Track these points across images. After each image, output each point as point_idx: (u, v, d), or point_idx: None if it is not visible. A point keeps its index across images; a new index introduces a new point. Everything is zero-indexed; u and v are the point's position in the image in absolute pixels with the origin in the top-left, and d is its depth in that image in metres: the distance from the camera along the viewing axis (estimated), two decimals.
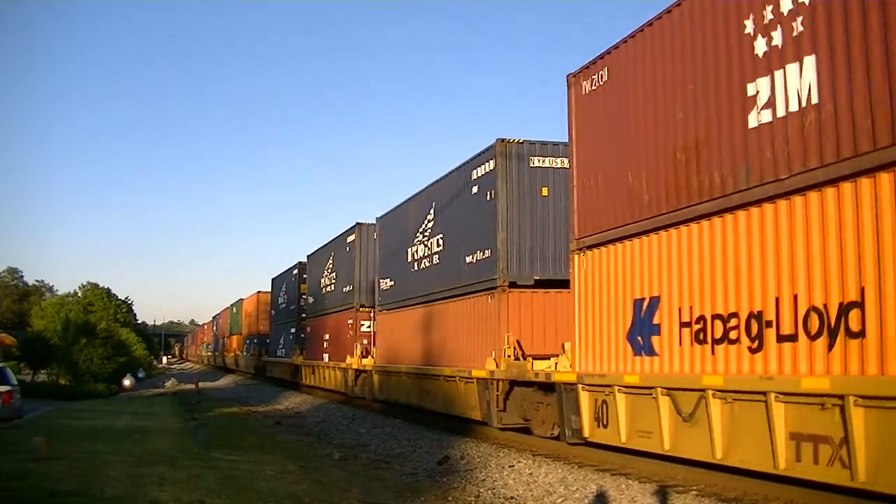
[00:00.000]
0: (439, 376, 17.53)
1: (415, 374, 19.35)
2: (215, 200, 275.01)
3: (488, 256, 15.33)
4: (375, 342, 23.45)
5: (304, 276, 34.10)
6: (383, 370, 22.04)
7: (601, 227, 11.50)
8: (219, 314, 72.67)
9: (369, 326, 24.39)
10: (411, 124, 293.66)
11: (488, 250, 15.32)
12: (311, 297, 32.16)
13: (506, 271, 14.82)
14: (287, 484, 10.51)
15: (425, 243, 19.01)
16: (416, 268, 19.53)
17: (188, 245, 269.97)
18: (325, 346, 28.77)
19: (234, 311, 58.76)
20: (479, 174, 15.85)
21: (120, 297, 75.41)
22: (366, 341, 24.48)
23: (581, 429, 11.75)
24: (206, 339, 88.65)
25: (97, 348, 39.32)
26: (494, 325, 14.94)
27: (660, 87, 10.34)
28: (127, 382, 41.38)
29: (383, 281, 22.45)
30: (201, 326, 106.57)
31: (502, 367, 14.29)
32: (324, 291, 29.69)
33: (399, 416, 19.75)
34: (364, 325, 24.72)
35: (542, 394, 13.42)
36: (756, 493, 8.75)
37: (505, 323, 14.67)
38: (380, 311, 22.79)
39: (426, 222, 19.03)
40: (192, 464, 11.69)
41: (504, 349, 14.38)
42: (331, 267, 28.80)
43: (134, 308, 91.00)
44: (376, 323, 23.44)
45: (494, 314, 14.99)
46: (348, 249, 26.25)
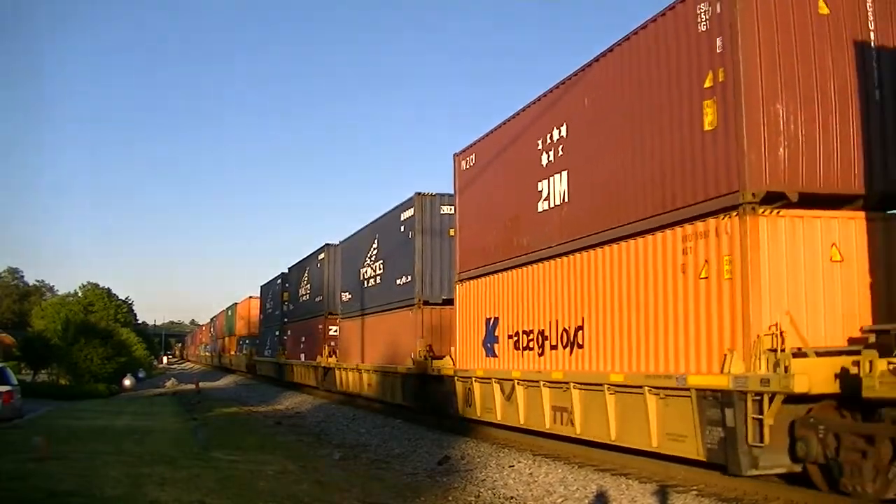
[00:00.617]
0: (378, 371, 22.41)
1: (361, 370, 24.23)
2: (216, 200, 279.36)
3: (410, 280, 20.15)
4: (338, 344, 28.32)
5: (287, 286, 38.96)
6: (342, 367, 26.92)
7: (470, 266, 16.38)
8: (216, 316, 77.56)
9: (335, 331, 29.23)
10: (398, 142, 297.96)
11: (409, 276, 20.15)
12: (292, 305, 37.03)
13: (421, 292, 19.65)
14: (287, 484, 10.59)
15: (372, 266, 23.86)
16: (366, 285, 24.38)
17: (189, 245, 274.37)
18: (302, 346, 33.64)
19: (229, 314, 63.75)
20: (404, 217, 20.68)
21: (120, 297, 76.65)
22: (333, 343, 29.31)
23: (457, 408, 16.63)
24: (204, 340, 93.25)
25: (97, 348, 39.33)
26: (414, 333, 19.77)
27: (500, 175, 15.20)
28: (127, 382, 41.61)
29: (343, 294, 27.33)
30: (200, 327, 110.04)
31: (415, 366, 19.16)
32: (301, 300, 34.58)
33: (399, 417, 20.19)
34: (332, 329, 29.53)
35: (438, 383, 18.28)
36: (756, 493, 8.81)
37: (419, 331, 19.51)
38: (341, 318, 27.67)
39: (373, 249, 23.88)
40: (192, 464, 11.89)
41: (419, 351, 19.22)
42: (306, 279, 33.67)
43: (134, 308, 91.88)
44: (339, 328, 28.29)
45: (414, 324, 19.81)
46: (319, 266, 31.12)
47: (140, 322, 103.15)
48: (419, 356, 19.04)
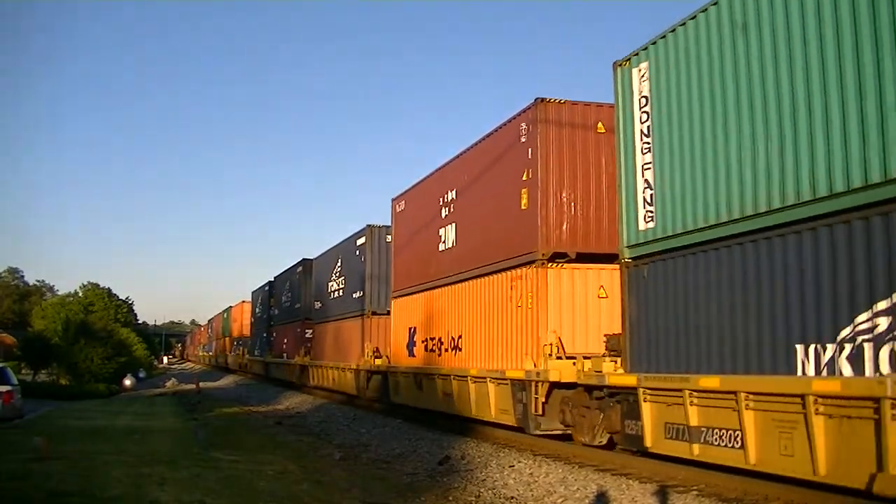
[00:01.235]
0: (337, 368, 27.31)
1: (325, 367, 29.13)
2: (216, 199, 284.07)
3: (361, 295, 25.03)
4: (312, 345, 33.24)
5: (273, 292, 43.86)
6: (313, 365, 31.84)
7: (400, 286, 21.26)
8: (213, 318, 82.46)
9: (310, 334, 34.12)
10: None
11: (361, 291, 25.02)
12: (276, 310, 41.97)
13: (370, 305, 24.52)
14: (288, 484, 10.61)
15: (336, 281, 28.73)
16: (331, 296, 29.26)
17: (189, 244, 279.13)
18: (284, 347, 38.57)
19: (224, 316, 68.74)
20: (359, 244, 25.56)
21: (120, 297, 79.11)
22: (308, 344, 34.20)
23: (389, 396, 21.51)
24: (203, 341, 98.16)
25: (97, 348, 40.11)
26: (364, 337, 24.62)
27: (419, 220, 20.07)
28: (127, 382, 42.42)
29: (316, 302, 32.23)
30: (200, 327, 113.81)
31: (363, 363, 24.05)
32: (284, 306, 39.49)
33: (400, 417, 20.88)
34: (307, 332, 34.45)
35: (378, 377, 23.14)
36: (756, 493, 9.04)
37: (369, 337, 24.37)
38: (314, 323, 32.56)
39: (337, 267, 28.75)
40: (192, 464, 11.92)
41: (367, 352, 24.08)
42: (288, 288, 38.60)
43: (134, 308, 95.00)
44: (313, 331, 33.19)
45: (364, 330, 24.67)
46: (297, 277, 36.00)
47: (140, 322, 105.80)
48: (367, 356, 23.92)
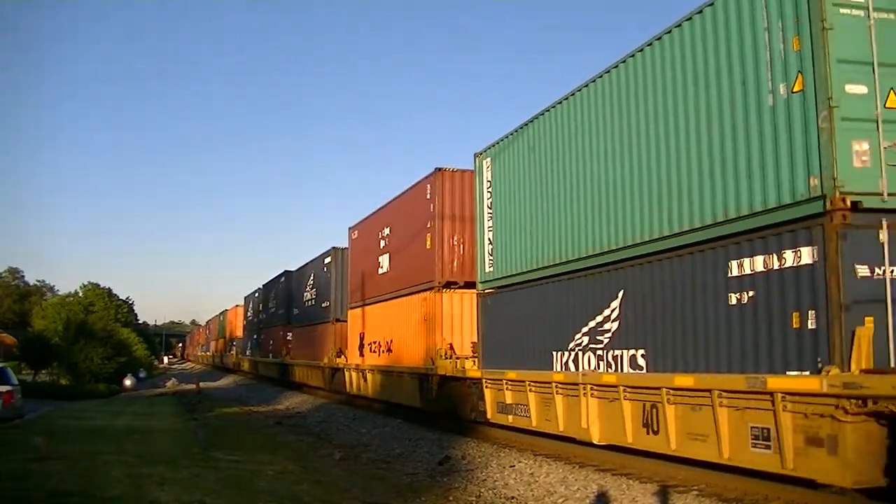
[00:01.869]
0: (309, 366, 32.53)
1: (303, 366, 34.33)
2: (217, 199, 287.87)
3: (328, 304, 30.17)
4: (292, 346, 38.48)
5: (262, 298, 49.00)
6: (293, 363, 37.06)
7: (354, 299, 26.41)
8: (211, 320, 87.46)
9: (291, 336, 39.33)
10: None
11: (328, 301, 30.17)
12: (265, 314, 47.14)
13: (334, 313, 29.65)
14: (288, 484, 10.60)
15: (310, 291, 33.90)
16: (306, 304, 34.43)
17: (189, 244, 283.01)
18: (269, 348, 43.77)
19: (221, 318, 73.94)
20: (326, 262, 30.72)
21: (121, 297, 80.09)
22: (290, 346, 39.41)
23: (346, 390, 26.70)
24: (201, 342, 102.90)
25: (97, 348, 40.61)
26: (330, 340, 29.77)
27: (367, 248, 25.18)
28: (128, 382, 43.02)
29: (294, 309, 37.44)
30: (199, 328, 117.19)
31: (327, 362, 29.24)
32: (270, 311, 44.67)
33: (400, 417, 21.35)
34: (289, 335, 39.66)
35: (339, 373, 28.30)
36: (756, 493, 9.01)
37: (333, 340, 29.52)
38: (294, 327, 37.78)
39: (311, 279, 33.93)
40: (192, 464, 11.90)
41: (332, 352, 29.23)
42: (273, 295, 43.77)
43: (135, 308, 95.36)
44: (292, 334, 38.41)
45: (330, 334, 29.81)
46: (281, 286, 41.17)
47: (140, 322, 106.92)
48: (331, 355, 29.09)
